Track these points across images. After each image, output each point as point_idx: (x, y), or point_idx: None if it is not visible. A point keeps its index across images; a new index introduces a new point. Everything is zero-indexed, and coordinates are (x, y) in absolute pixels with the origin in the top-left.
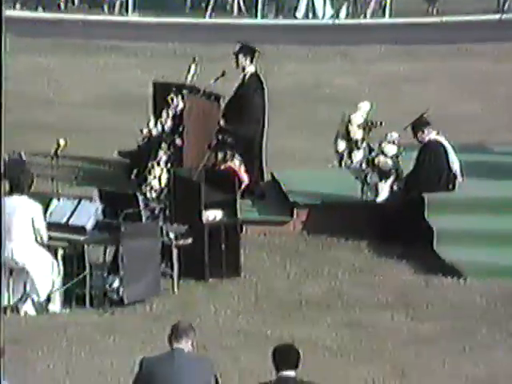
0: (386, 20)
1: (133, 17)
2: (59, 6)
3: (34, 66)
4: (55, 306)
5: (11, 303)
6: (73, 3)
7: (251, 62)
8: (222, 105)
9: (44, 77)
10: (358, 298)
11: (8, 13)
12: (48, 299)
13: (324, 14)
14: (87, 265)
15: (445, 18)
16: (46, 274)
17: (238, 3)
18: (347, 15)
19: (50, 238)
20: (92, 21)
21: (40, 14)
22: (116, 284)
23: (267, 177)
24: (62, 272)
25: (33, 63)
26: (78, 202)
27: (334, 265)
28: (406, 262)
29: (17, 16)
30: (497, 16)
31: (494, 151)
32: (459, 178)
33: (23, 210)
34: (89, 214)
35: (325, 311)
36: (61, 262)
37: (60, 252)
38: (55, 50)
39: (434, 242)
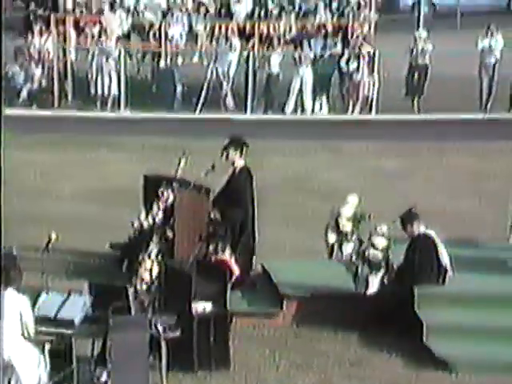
0: (373, 116)
1: (124, 113)
2: (53, 103)
3: (27, 161)
4: None
5: None
6: (66, 99)
7: (241, 155)
8: (212, 197)
9: (37, 172)
10: None
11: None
12: None
13: (313, 110)
14: (75, 359)
15: (429, 116)
16: (32, 369)
17: (226, 99)
18: (330, 110)
19: (37, 332)
20: (85, 117)
21: (34, 111)
22: (104, 378)
23: (256, 268)
24: (49, 366)
25: (26, 159)
26: (67, 296)
27: (324, 357)
28: (396, 355)
29: (11, 114)
30: (480, 115)
31: (483, 246)
32: (449, 272)
33: (11, 305)
34: (77, 307)
35: None
36: (48, 357)
37: (47, 346)
38: (48, 145)
39: (424, 336)
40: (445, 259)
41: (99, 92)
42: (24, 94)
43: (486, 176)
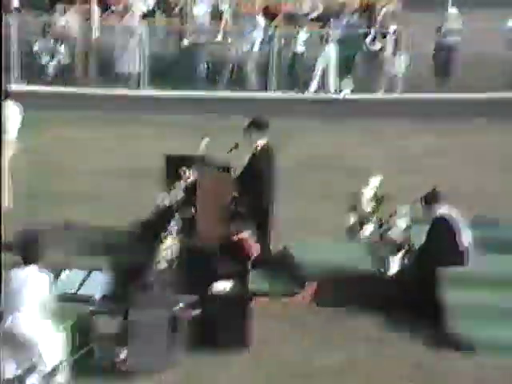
0: (400, 95)
1: (148, 91)
2: (76, 80)
3: (55, 137)
4: (62, 377)
5: (17, 375)
6: (90, 77)
7: (262, 134)
8: (234, 176)
9: (62, 148)
10: (374, 368)
11: (26, 88)
12: (55, 371)
13: (336, 90)
14: (95, 336)
15: (458, 95)
16: (53, 345)
17: (250, 77)
18: (356, 89)
19: (58, 308)
20: (108, 95)
21: (58, 88)
22: (124, 355)
23: (277, 248)
24: (69, 343)
25: (51, 135)
26: (89, 273)
27: (347, 336)
28: (419, 335)
29: (37, 91)
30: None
31: (508, 227)
32: (472, 253)
33: (32, 281)
34: (98, 284)
35: (340, 382)
36: (68, 334)
37: (68, 323)
38: (74, 122)
39: (448, 317)
40: (467, 239)
41: (123, 70)
42: (50, 70)
43: None
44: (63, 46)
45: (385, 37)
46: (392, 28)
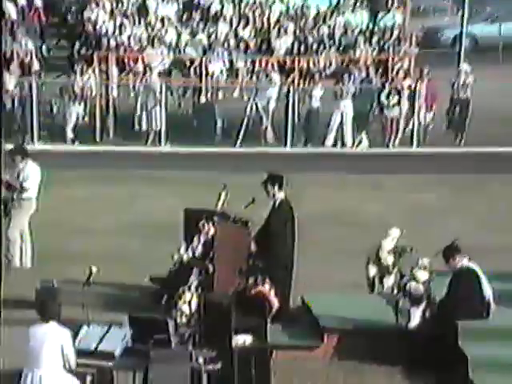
0: (414, 149)
1: (165, 147)
2: (95, 139)
3: (69, 196)
4: None
5: None
6: (108, 136)
7: (280, 189)
8: (252, 230)
9: (78, 207)
10: None
11: (45, 147)
12: None
13: (353, 143)
14: None
15: (471, 149)
16: None
17: (266, 133)
18: (370, 144)
19: (78, 364)
20: (126, 152)
21: (76, 147)
22: None
23: (295, 302)
24: None
25: (68, 194)
26: (108, 329)
27: None
28: None
29: (53, 150)
30: None
31: None
32: (493, 306)
33: (52, 337)
34: (118, 340)
35: None
36: None
37: (88, 378)
38: (90, 180)
39: (470, 371)
40: (488, 292)
41: (143, 128)
42: (68, 130)
43: None
44: (82, 105)
45: (399, 92)
46: (406, 84)
